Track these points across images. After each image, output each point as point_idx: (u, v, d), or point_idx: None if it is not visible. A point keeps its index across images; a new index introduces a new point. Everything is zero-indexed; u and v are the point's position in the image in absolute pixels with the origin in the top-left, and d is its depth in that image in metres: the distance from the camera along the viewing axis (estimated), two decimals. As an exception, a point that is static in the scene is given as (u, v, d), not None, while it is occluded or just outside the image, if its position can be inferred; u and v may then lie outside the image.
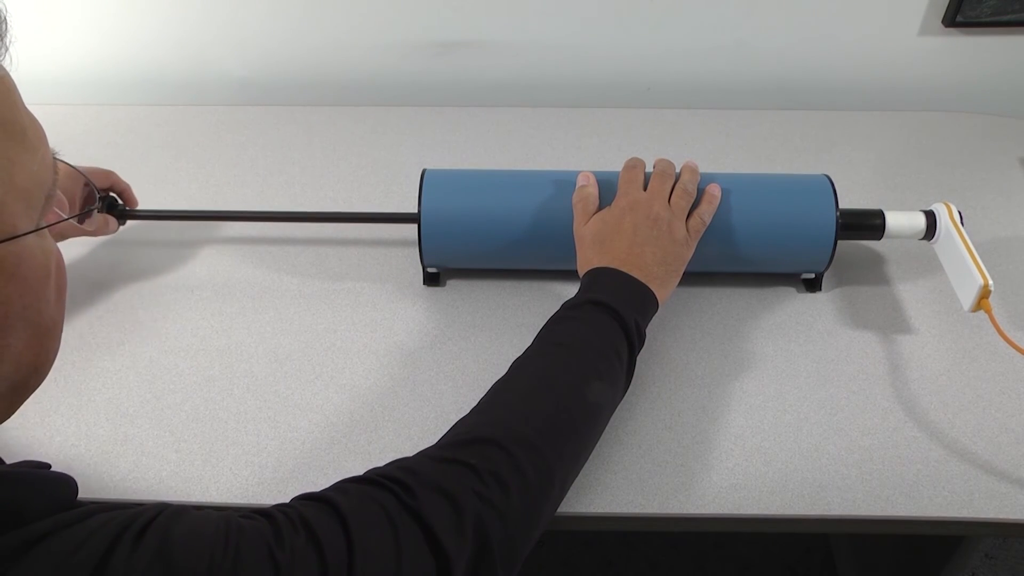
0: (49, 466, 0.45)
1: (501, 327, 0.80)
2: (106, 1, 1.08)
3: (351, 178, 1.00)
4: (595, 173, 0.78)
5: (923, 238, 0.81)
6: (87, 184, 0.80)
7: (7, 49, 0.41)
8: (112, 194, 0.84)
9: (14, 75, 0.42)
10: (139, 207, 0.86)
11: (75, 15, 1.09)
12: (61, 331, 0.46)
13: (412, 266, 0.86)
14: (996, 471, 0.68)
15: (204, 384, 0.75)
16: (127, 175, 0.81)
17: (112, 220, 0.83)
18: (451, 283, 0.85)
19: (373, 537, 0.48)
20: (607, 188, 0.76)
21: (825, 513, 0.65)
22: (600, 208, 0.75)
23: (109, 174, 0.83)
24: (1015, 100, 1.14)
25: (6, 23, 0.41)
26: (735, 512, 0.66)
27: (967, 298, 0.73)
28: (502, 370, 0.64)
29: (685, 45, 1.11)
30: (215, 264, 0.88)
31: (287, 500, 0.51)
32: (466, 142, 1.06)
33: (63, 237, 0.80)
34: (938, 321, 0.81)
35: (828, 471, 0.68)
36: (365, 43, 1.12)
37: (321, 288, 0.85)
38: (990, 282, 0.71)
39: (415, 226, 0.79)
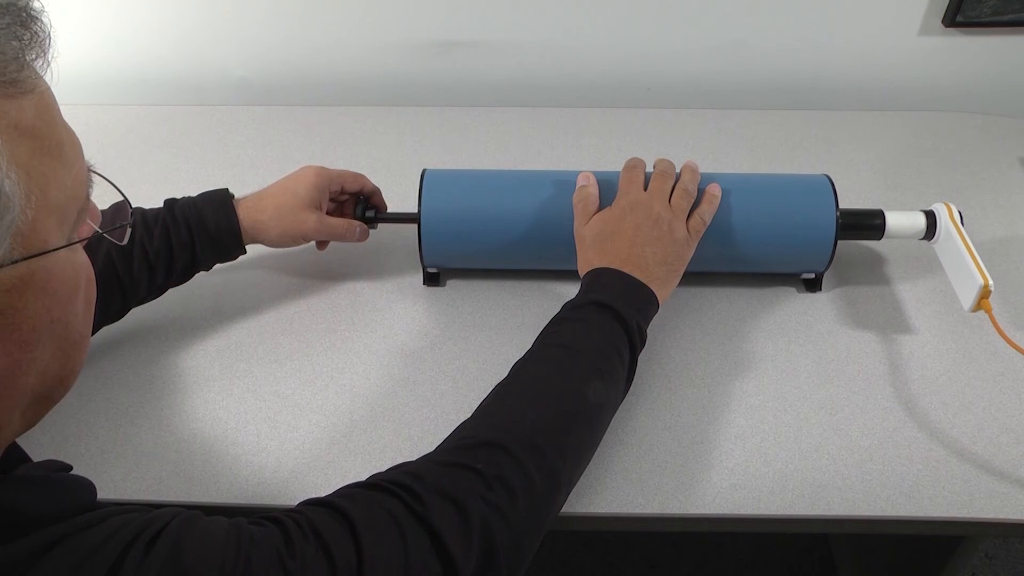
0: (70, 468, 0.45)
1: (501, 327, 0.80)
2: (106, 1, 1.08)
3: (351, 178, 1.00)
4: (595, 173, 0.78)
5: (923, 238, 0.81)
6: (343, 190, 0.80)
7: (49, 64, 0.41)
8: (363, 198, 0.83)
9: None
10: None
11: (75, 15, 1.09)
12: (88, 344, 0.46)
13: (412, 266, 0.86)
14: (996, 471, 0.68)
15: (204, 384, 0.75)
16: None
17: (362, 226, 0.81)
18: (451, 283, 0.85)
19: (381, 543, 0.48)
20: (607, 188, 0.76)
21: (825, 513, 0.65)
22: (600, 208, 0.75)
23: (359, 177, 0.82)
24: (1015, 100, 1.14)
25: (50, 38, 0.41)
26: (735, 512, 0.66)
27: (967, 298, 0.73)
28: (502, 370, 0.64)
29: (685, 45, 1.11)
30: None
31: (288, 501, 0.52)
32: (466, 142, 1.06)
33: (304, 239, 0.78)
34: (938, 321, 0.81)
35: (828, 471, 0.68)
36: (365, 43, 1.12)
37: (321, 288, 0.85)
38: (990, 282, 0.71)
39: (415, 226, 0.79)
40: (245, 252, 0.79)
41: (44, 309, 0.40)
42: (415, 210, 0.79)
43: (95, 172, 0.45)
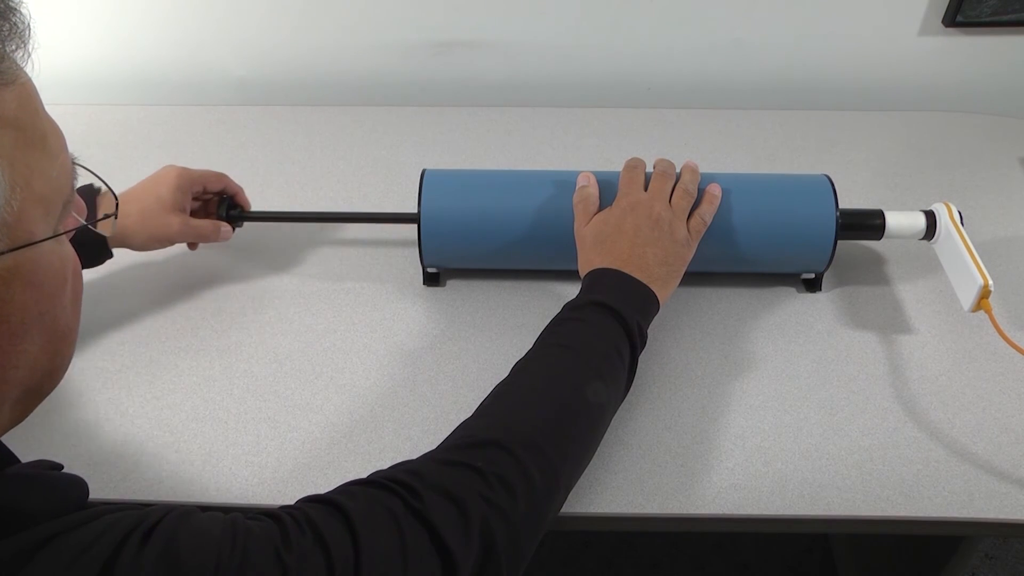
0: (61, 467, 0.45)
1: (501, 327, 0.80)
2: (105, 1, 1.08)
3: (351, 178, 1.00)
4: (595, 173, 0.78)
5: (923, 238, 0.81)
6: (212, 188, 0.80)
7: (30, 55, 0.41)
8: (226, 197, 0.83)
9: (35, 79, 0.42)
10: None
11: (74, 15, 1.09)
12: (76, 336, 0.46)
13: (412, 266, 0.86)
14: (996, 471, 0.68)
15: (204, 384, 0.75)
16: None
17: (226, 226, 0.82)
18: (451, 283, 0.85)
19: (380, 539, 0.48)
20: (607, 188, 0.76)
21: (825, 513, 0.65)
22: (601, 208, 0.75)
23: (221, 177, 0.82)
24: (1015, 100, 1.14)
25: (30, 29, 0.41)
26: (735, 512, 0.66)
27: (967, 298, 0.73)
28: (502, 370, 0.64)
29: (685, 45, 1.11)
30: (215, 263, 0.88)
31: (287, 500, 0.51)
32: (466, 142, 1.06)
33: (170, 242, 0.79)
34: (938, 321, 0.81)
35: (828, 471, 0.68)
36: (365, 43, 1.12)
37: (321, 288, 0.85)
38: (990, 282, 0.71)
39: (415, 226, 0.79)
40: (112, 256, 0.78)
41: (32, 301, 0.40)
42: (415, 210, 0.79)
43: (79, 165, 0.46)
